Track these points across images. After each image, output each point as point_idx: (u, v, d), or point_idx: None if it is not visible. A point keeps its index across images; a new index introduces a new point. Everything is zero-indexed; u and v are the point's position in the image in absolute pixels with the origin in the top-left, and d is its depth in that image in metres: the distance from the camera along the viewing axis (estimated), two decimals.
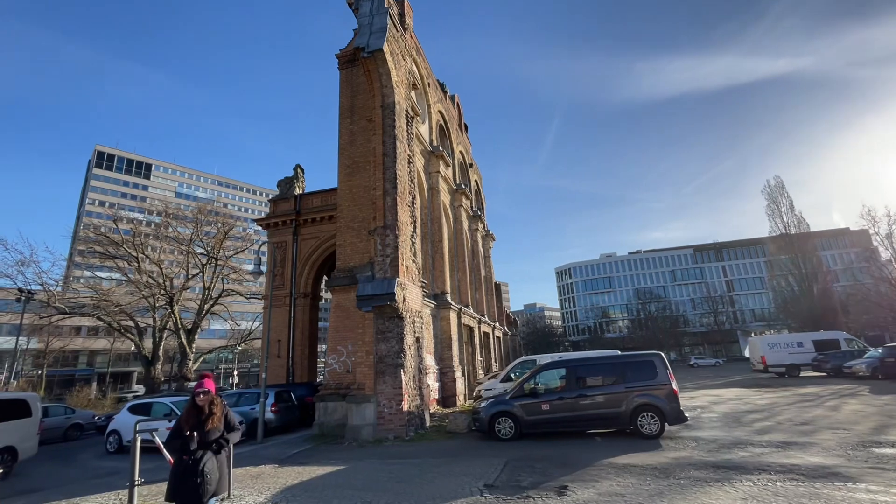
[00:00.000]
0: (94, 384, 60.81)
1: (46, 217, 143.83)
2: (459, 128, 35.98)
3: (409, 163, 16.17)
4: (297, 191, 26.39)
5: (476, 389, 15.53)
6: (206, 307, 39.70)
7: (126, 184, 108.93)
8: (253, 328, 48.84)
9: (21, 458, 10.30)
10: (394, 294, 13.03)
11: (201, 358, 41.97)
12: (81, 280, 47.03)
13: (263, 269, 16.57)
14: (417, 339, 14.38)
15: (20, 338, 47.03)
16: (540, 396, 11.13)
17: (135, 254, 37.22)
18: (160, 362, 39.15)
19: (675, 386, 10.57)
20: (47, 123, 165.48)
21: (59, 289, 36.89)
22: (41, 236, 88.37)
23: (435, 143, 25.16)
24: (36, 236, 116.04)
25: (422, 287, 15.96)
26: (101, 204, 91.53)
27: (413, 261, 15.23)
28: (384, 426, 12.34)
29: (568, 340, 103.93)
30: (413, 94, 18.95)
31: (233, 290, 41.65)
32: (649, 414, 10.30)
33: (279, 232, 25.34)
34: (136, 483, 6.91)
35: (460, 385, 21.80)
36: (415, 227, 15.78)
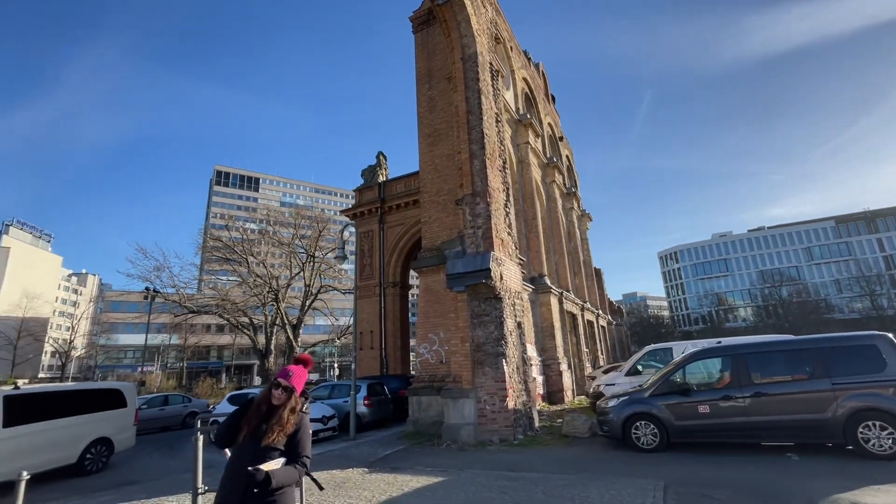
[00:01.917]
0: (224, 376, 68.29)
1: (176, 228, 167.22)
2: (546, 98, 32.79)
3: (497, 122, 13.98)
4: (381, 178, 25.63)
5: (594, 385, 12.92)
6: (307, 303, 41.61)
7: (240, 197, 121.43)
8: (350, 323, 50.51)
9: (117, 450, 10.21)
10: (489, 270, 11.00)
11: (306, 351, 44.15)
12: (208, 284, 52.59)
13: (349, 254, 15.65)
14: (519, 325, 12.19)
15: (161, 335, 53.98)
16: (694, 395, 8.29)
17: (245, 256, 40.06)
18: (272, 355, 41.93)
19: None
20: (177, 152, 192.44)
21: (189, 291, 41.39)
22: (174, 245, 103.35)
23: (522, 112, 22.63)
24: (169, 247, 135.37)
25: (520, 265, 13.72)
26: (222, 217, 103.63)
27: (508, 233, 13.06)
28: (486, 426, 10.38)
29: (679, 331, 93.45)
30: (496, 53, 16.72)
31: (330, 287, 43.22)
32: (878, 424, 6.97)
33: (365, 221, 24.77)
34: (200, 491, 5.74)
35: (567, 379, 19.14)
36: (508, 196, 13.57)
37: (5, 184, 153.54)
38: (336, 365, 53.39)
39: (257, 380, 69.38)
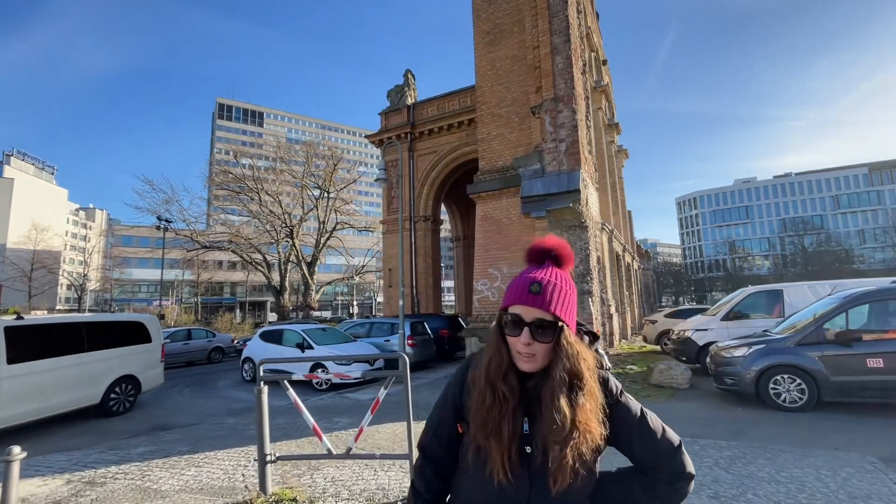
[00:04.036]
0: (238, 311, 68.91)
1: (186, 163, 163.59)
2: (594, 11, 28.88)
3: (579, 12, 11.34)
4: (409, 100, 22.91)
5: (676, 330, 11.37)
6: (322, 241, 40.21)
7: (244, 132, 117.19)
8: (366, 262, 49.44)
9: (144, 389, 8.92)
10: (578, 191, 9.05)
11: (322, 289, 43.49)
12: (217, 219, 51.14)
13: (381, 174, 13.63)
14: (599, 260, 10.42)
15: (174, 270, 53.36)
16: (861, 346, 6.62)
17: (256, 192, 38.12)
18: (287, 292, 41.23)
19: None
20: (179, 83, 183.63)
21: (200, 227, 40.01)
22: (181, 179, 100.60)
23: None
24: (176, 179, 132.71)
25: (597, 190, 11.71)
26: (227, 153, 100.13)
27: (590, 151, 10.92)
28: None
29: (692, 278, 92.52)
30: None
31: (346, 224, 41.58)
32: None
33: (392, 148, 22.40)
34: (269, 459, 4.23)
35: (616, 322, 17.78)
36: (588, 107, 11.26)
37: (2, 115, 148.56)
38: (355, 302, 52.93)
39: (271, 315, 70.00)
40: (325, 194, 40.40)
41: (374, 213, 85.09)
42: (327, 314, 66.85)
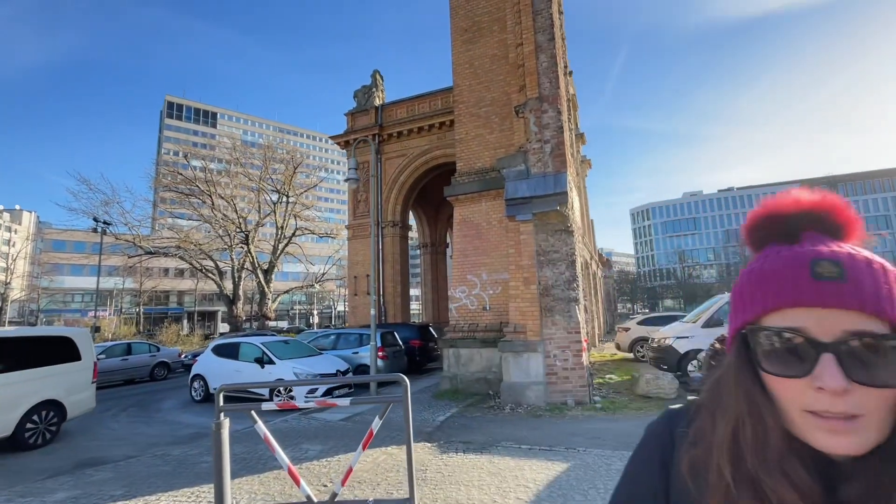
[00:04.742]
0: (185, 322, 64.38)
1: (126, 164, 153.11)
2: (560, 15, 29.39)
3: (560, 12, 11.11)
4: (377, 101, 22.13)
5: (656, 338, 11.20)
6: (280, 246, 38.34)
7: (196, 133, 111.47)
8: (327, 269, 47.60)
9: (71, 415, 7.55)
10: (566, 194, 8.66)
11: (278, 298, 41.41)
12: (164, 224, 47.57)
13: (353, 173, 12.76)
14: (584, 266, 10.07)
15: (113, 278, 49.18)
16: None
17: (207, 190, 35.85)
18: (241, 302, 38.89)
19: None
20: (120, 79, 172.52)
21: (144, 231, 37.05)
22: (122, 180, 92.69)
23: None
24: (118, 179, 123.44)
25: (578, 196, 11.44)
26: (176, 154, 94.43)
27: (572, 155, 10.63)
28: (557, 385, 8.42)
29: (646, 287, 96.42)
30: None
31: (306, 229, 39.89)
32: None
33: (359, 151, 21.47)
34: None
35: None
36: (569, 112, 11.00)
37: None
38: (316, 313, 50.90)
39: (223, 326, 66.06)
40: (285, 198, 38.65)
41: (334, 219, 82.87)
42: (284, 324, 63.88)
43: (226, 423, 3.36)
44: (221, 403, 3.42)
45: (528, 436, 6.55)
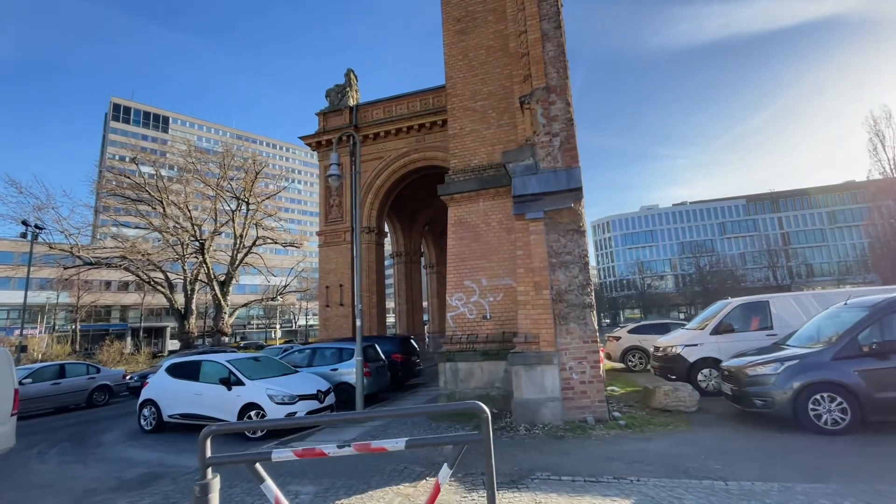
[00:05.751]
0: (129, 339, 59.15)
1: (65, 168, 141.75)
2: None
3: (561, 5, 10.57)
4: (352, 101, 21.00)
5: (661, 346, 10.63)
6: (238, 257, 35.90)
7: (145, 137, 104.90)
8: (289, 281, 45.10)
9: None
10: (581, 190, 7.96)
11: (235, 312, 38.67)
12: (107, 233, 43.58)
13: (335, 168, 11.55)
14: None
15: (46, 292, 44.43)
16: None
17: (158, 196, 33.09)
18: (193, 316, 35.94)
19: None
20: (63, 78, 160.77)
21: (84, 240, 33.66)
22: (59, 183, 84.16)
23: None
24: (54, 184, 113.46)
25: None
26: (122, 159, 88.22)
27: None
28: (574, 401, 7.57)
29: (606, 297, 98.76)
30: None
31: (268, 238, 37.58)
32: None
33: (328, 153, 20.19)
34: None
35: None
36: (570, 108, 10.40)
37: None
38: (278, 326, 48.03)
39: (172, 343, 61.27)
40: (245, 206, 36.36)
41: (295, 230, 79.57)
42: (243, 341, 60.16)
43: (215, 483, 2.22)
44: (208, 454, 2.27)
45: (559, 463, 5.62)
